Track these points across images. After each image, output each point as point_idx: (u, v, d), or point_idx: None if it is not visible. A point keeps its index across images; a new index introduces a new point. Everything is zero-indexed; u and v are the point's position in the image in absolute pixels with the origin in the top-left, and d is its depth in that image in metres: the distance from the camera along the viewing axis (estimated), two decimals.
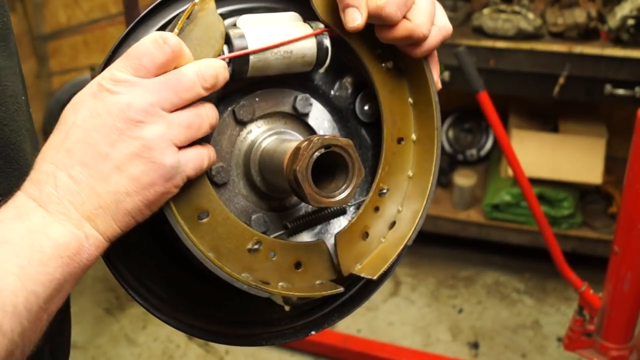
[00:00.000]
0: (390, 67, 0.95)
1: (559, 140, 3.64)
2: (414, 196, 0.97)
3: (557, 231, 3.14)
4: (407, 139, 0.98)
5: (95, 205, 0.70)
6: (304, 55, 0.88)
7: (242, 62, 0.84)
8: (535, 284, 3.74)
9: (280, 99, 0.94)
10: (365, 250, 0.95)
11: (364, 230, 0.95)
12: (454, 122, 4.16)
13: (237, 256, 0.85)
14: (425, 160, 0.97)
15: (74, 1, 4.11)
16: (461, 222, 3.74)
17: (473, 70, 2.44)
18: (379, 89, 0.94)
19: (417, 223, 0.95)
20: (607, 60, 3.08)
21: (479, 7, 3.46)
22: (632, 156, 2.14)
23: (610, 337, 2.41)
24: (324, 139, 0.81)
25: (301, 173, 0.80)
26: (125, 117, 0.70)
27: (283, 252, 0.89)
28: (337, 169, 0.85)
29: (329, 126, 0.98)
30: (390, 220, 0.97)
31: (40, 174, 0.70)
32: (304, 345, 3.23)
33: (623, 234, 2.26)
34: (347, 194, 0.84)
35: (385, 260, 0.93)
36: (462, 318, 3.52)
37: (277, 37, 0.86)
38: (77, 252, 0.69)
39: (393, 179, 0.97)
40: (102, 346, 3.32)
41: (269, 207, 0.96)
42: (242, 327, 0.97)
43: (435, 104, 0.97)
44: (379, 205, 0.96)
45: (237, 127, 0.92)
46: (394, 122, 0.96)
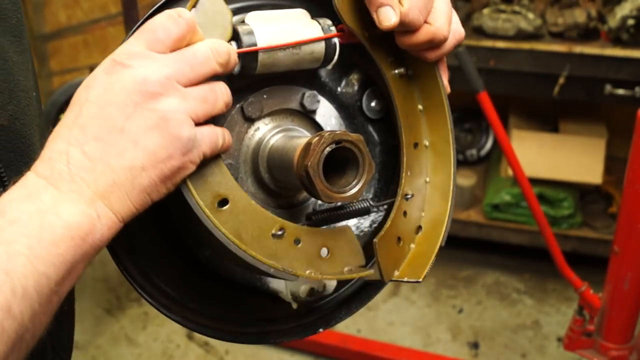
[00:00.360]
0: (403, 73, 0.96)
1: (559, 140, 3.64)
2: (433, 200, 0.98)
3: (557, 231, 3.14)
4: (420, 144, 0.98)
5: (109, 182, 0.68)
6: (312, 52, 0.88)
7: (250, 59, 0.84)
8: (535, 284, 3.74)
9: (287, 96, 0.94)
10: (401, 255, 0.94)
11: (397, 235, 0.94)
12: (454, 122, 4.14)
13: (261, 243, 0.83)
14: (442, 164, 0.98)
15: (74, 1, 4.11)
16: (461, 222, 3.74)
17: (473, 70, 2.44)
18: (395, 95, 0.95)
19: (446, 224, 0.96)
20: (607, 60, 3.08)
21: (479, 7, 3.46)
22: (632, 156, 2.14)
23: (610, 337, 2.41)
24: (335, 134, 0.81)
25: (312, 169, 0.80)
26: (141, 90, 0.69)
27: (308, 238, 0.87)
28: (348, 165, 0.85)
29: (336, 123, 0.98)
30: (416, 225, 0.97)
31: (52, 152, 0.68)
32: (304, 345, 3.23)
33: (623, 234, 2.26)
34: (357, 190, 0.84)
35: (424, 262, 0.93)
36: (462, 318, 3.52)
37: (286, 34, 0.86)
38: (90, 232, 0.67)
39: (415, 183, 0.97)
40: (102, 346, 3.32)
41: (277, 205, 0.95)
42: (250, 325, 0.97)
43: (447, 107, 0.97)
44: (407, 210, 0.96)
45: (246, 124, 0.91)
46: (410, 127, 0.96)
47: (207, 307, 0.94)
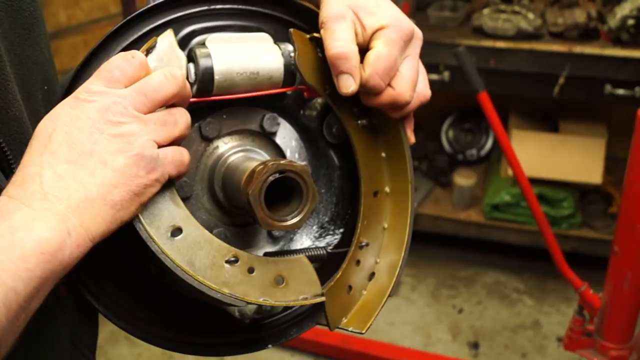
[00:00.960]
0: (365, 124, 0.97)
1: (559, 140, 3.64)
2: (389, 247, 1.00)
3: (557, 231, 3.14)
4: (381, 192, 1.00)
5: (82, 197, 0.71)
6: (270, 77, 0.89)
7: (206, 81, 0.85)
8: (535, 284, 3.74)
9: (247, 117, 0.95)
10: (350, 303, 0.96)
11: (347, 284, 0.96)
12: (454, 122, 4.16)
13: (214, 271, 0.84)
14: (400, 212, 1.00)
15: (74, 1, 4.11)
16: (461, 222, 3.74)
17: (473, 70, 2.44)
18: (356, 146, 0.97)
19: (397, 274, 0.97)
20: (607, 60, 3.08)
21: (479, 7, 3.46)
22: (632, 156, 2.14)
23: (610, 337, 2.41)
24: (279, 164, 0.82)
25: (254, 197, 0.81)
26: (104, 119, 0.74)
27: (263, 267, 0.88)
28: (294, 194, 0.86)
29: (297, 145, 0.99)
30: (369, 272, 0.99)
31: (24, 176, 0.71)
32: (304, 345, 3.23)
33: (623, 234, 2.26)
34: (299, 219, 0.85)
35: (370, 313, 0.96)
36: (462, 318, 3.52)
37: (244, 59, 0.87)
38: (59, 249, 0.68)
39: (371, 231, 0.99)
40: (102, 346, 3.32)
41: (231, 222, 0.96)
42: (203, 335, 0.97)
43: (408, 159, 0.99)
44: (360, 259, 0.98)
45: (203, 143, 0.92)
46: (370, 176, 0.98)
47: (158, 316, 0.94)
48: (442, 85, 3.35)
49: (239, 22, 0.92)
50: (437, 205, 3.85)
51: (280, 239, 1.00)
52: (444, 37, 3.31)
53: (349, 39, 0.86)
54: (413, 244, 0.97)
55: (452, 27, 3.48)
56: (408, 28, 0.90)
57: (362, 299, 0.98)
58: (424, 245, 3.94)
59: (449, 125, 4.17)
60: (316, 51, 0.91)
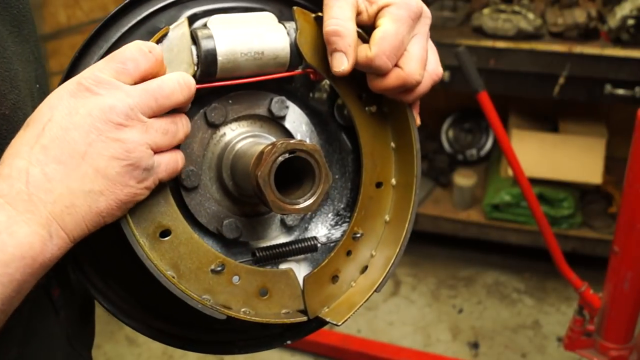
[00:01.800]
0: (374, 111, 0.94)
1: (559, 140, 3.64)
2: (388, 241, 0.96)
3: (557, 231, 3.13)
4: (386, 183, 0.96)
5: (67, 204, 0.69)
6: (276, 57, 0.86)
7: (209, 63, 0.82)
8: (535, 284, 3.74)
9: (255, 102, 0.91)
10: (334, 293, 0.93)
11: (334, 274, 0.93)
12: (454, 122, 4.16)
13: (198, 277, 0.83)
14: (403, 206, 0.96)
15: (74, 1, 4.11)
16: (461, 222, 3.74)
17: (473, 70, 2.44)
18: (361, 133, 0.93)
19: (388, 270, 0.93)
20: (607, 60, 3.08)
21: (479, 7, 3.46)
22: (632, 156, 2.14)
23: (610, 337, 2.41)
24: (289, 144, 0.78)
25: (263, 179, 0.78)
26: (106, 119, 0.70)
27: (248, 277, 0.86)
28: (305, 175, 0.82)
29: (307, 129, 0.95)
30: (362, 265, 0.95)
31: (11, 169, 0.68)
32: (304, 345, 3.23)
33: (623, 234, 2.26)
34: (312, 202, 0.81)
35: (351, 306, 0.91)
36: (462, 318, 3.52)
37: (248, 39, 0.84)
38: (41, 253, 0.67)
39: (369, 223, 0.96)
40: (102, 346, 3.32)
41: (242, 213, 0.93)
42: (214, 333, 0.95)
43: (416, 152, 0.94)
44: (352, 249, 0.95)
45: (209, 129, 0.89)
46: (374, 166, 0.95)
47: (171, 313, 0.92)
48: (442, 85, 3.35)
49: (242, 3, 0.89)
50: (437, 205, 3.84)
51: (295, 228, 0.97)
52: (444, 37, 3.31)
53: (346, 17, 0.83)
54: (413, 244, 0.95)
55: (452, 27, 3.48)
56: (416, 5, 0.86)
57: (350, 291, 0.94)
58: (424, 245, 3.94)
59: (449, 125, 4.16)
60: (321, 31, 0.87)
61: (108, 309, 0.89)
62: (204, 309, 0.81)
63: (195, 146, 0.88)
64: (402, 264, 3.87)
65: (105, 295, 0.89)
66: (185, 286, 0.81)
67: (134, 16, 0.85)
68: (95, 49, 0.84)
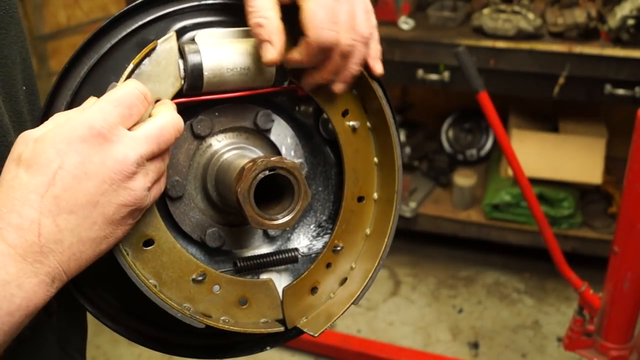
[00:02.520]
0: (357, 127, 0.95)
1: (559, 140, 3.64)
2: (368, 254, 0.98)
3: (557, 231, 3.14)
4: (368, 198, 0.98)
5: (75, 251, 0.70)
6: (262, 72, 0.87)
7: (195, 78, 0.84)
8: (535, 284, 3.74)
9: (241, 114, 0.93)
10: (313, 304, 0.95)
11: (313, 285, 0.95)
12: (454, 122, 4.16)
13: (179, 286, 0.85)
14: (384, 220, 0.98)
15: (74, 1, 4.11)
16: (461, 222, 3.74)
17: (473, 70, 2.44)
18: (344, 147, 0.95)
19: (366, 284, 0.95)
20: (607, 60, 3.08)
21: (479, 7, 3.46)
22: (632, 156, 2.14)
23: (610, 337, 2.41)
24: (269, 161, 0.81)
25: (242, 195, 0.80)
26: (120, 169, 0.71)
27: (228, 286, 0.88)
28: (285, 191, 0.84)
29: (292, 142, 0.97)
30: (342, 277, 0.97)
31: (22, 220, 0.68)
32: (304, 345, 3.23)
33: (623, 234, 2.25)
34: (290, 218, 0.84)
35: (329, 317, 0.93)
36: (462, 318, 3.52)
37: (234, 55, 0.85)
38: (42, 299, 0.69)
39: (349, 236, 0.97)
40: (102, 346, 3.32)
41: (225, 222, 0.95)
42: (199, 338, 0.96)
43: (397, 168, 0.96)
44: (332, 262, 0.97)
45: (195, 141, 0.91)
46: (356, 180, 0.97)
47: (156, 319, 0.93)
48: (442, 85, 3.35)
49: (231, 17, 0.90)
50: (437, 205, 3.84)
51: (277, 238, 0.99)
52: (444, 37, 3.31)
53: (266, 7, 0.82)
54: (413, 244, 0.96)
55: (452, 27, 3.48)
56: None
57: (328, 303, 0.96)
58: (424, 245, 3.94)
59: (449, 125, 4.16)
60: None
61: (92, 313, 0.90)
62: (184, 318, 0.83)
63: (180, 157, 0.90)
64: (402, 264, 3.86)
65: (91, 300, 0.90)
66: (167, 294, 0.83)
67: (124, 28, 0.86)
68: (86, 60, 0.85)
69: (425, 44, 3.31)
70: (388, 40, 3.28)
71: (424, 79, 3.34)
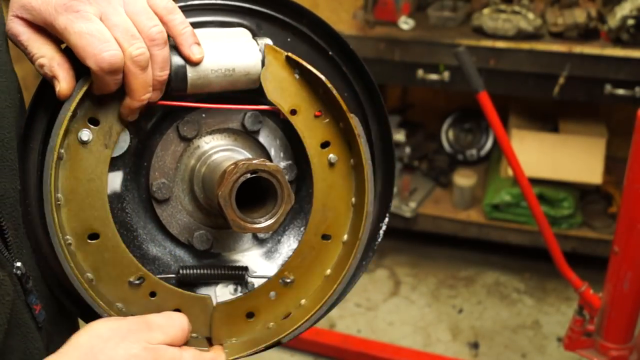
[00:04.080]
0: (334, 161, 0.92)
1: (559, 140, 3.64)
2: (320, 295, 0.93)
3: (557, 231, 3.13)
4: (335, 238, 0.94)
5: None
6: (247, 73, 0.86)
7: (179, 80, 0.82)
8: (535, 284, 3.74)
9: (228, 116, 0.92)
10: (246, 329, 0.92)
11: (249, 310, 0.92)
12: (454, 122, 4.16)
13: (116, 285, 0.84)
14: (341, 266, 0.93)
15: None
16: (461, 222, 3.74)
17: (473, 70, 2.44)
18: (315, 180, 0.91)
19: (302, 324, 0.92)
20: (607, 60, 3.08)
21: (479, 7, 3.46)
22: (632, 156, 2.14)
23: (610, 337, 2.41)
24: (250, 164, 0.79)
25: (224, 198, 0.79)
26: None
27: (165, 295, 0.87)
28: (269, 195, 0.83)
29: (281, 144, 0.95)
30: (287, 310, 0.93)
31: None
32: (304, 345, 3.23)
33: (623, 234, 2.25)
34: (273, 221, 0.82)
35: (253, 345, 0.91)
36: (462, 318, 3.52)
37: (219, 56, 0.84)
38: None
39: (304, 272, 0.93)
40: None
41: (215, 224, 0.94)
42: None
43: (366, 214, 0.91)
44: (278, 292, 0.93)
45: (182, 143, 0.90)
46: (324, 218, 0.92)
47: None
48: (442, 85, 3.35)
49: (219, 17, 0.90)
50: (437, 205, 3.84)
51: (267, 240, 0.97)
52: (444, 37, 3.31)
53: (40, 47, 0.81)
54: (413, 244, 0.95)
55: (452, 27, 3.48)
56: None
57: (263, 332, 0.92)
58: (424, 245, 3.94)
59: (449, 125, 4.16)
60: (292, 71, 0.88)
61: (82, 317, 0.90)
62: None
63: (167, 159, 0.89)
64: (402, 264, 3.87)
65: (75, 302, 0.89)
66: (103, 291, 0.83)
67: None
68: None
69: (425, 44, 3.31)
70: (388, 40, 3.28)
71: (424, 79, 3.34)
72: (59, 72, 0.80)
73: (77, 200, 0.81)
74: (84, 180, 0.82)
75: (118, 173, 0.89)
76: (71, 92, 0.80)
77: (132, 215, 0.90)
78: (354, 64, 0.96)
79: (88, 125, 0.82)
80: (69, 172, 0.81)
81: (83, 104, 0.81)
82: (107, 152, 0.83)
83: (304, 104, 0.89)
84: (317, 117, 0.90)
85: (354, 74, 0.96)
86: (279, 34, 0.91)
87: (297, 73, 0.88)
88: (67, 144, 0.81)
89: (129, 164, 0.90)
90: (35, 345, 0.92)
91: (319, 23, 0.94)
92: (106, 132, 0.83)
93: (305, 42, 0.93)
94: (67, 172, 0.81)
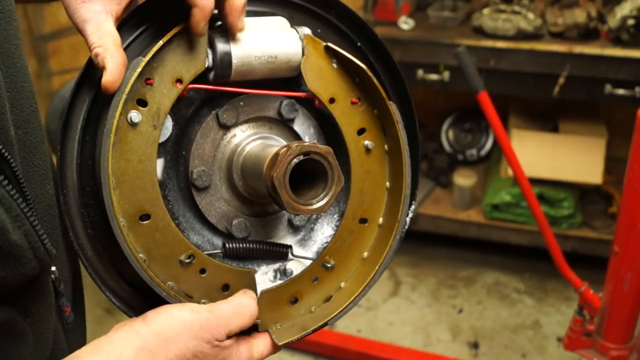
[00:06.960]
0: (370, 147, 0.95)
1: (559, 140, 3.64)
2: (360, 278, 0.97)
3: (557, 231, 3.14)
4: (372, 221, 0.98)
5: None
6: (288, 61, 0.89)
7: (225, 66, 0.85)
8: (535, 284, 3.74)
9: (265, 104, 0.94)
10: (290, 314, 0.95)
11: (293, 296, 0.95)
12: (454, 122, 4.16)
13: (167, 264, 0.86)
14: (380, 248, 0.97)
15: None
16: (461, 222, 3.74)
17: (473, 70, 2.44)
18: (352, 165, 0.95)
19: (345, 306, 0.94)
20: (607, 60, 3.08)
21: (479, 7, 3.46)
22: (632, 156, 2.14)
23: (610, 337, 2.41)
24: (303, 146, 0.81)
25: (278, 180, 0.80)
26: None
27: (214, 271, 0.89)
28: (318, 177, 0.85)
29: (315, 132, 0.98)
30: (327, 294, 0.97)
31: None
32: (304, 345, 3.23)
33: (623, 234, 2.25)
34: (325, 202, 0.84)
35: (300, 330, 0.93)
36: (462, 318, 3.52)
37: (261, 43, 0.87)
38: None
39: (343, 255, 0.97)
40: None
41: (251, 212, 0.95)
42: None
43: (404, 197, 0.95)
44: (319, 277, 0.96)
45: (221, 131, 0.92)
46: (361, 202, 0.96)
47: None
48: (442, 85, 3.35)
49: (253, 7, 0.92)
50: (437, 205, 3.84)
51: (301, 228, 0.99)
52: (444, 37, 3.31)
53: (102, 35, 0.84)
54: (413, 244, 0.96)
55: (452, 27, 3.48)
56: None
57: (307, 316, 0.95)
58: (424, 245, 3.94)
59: (449, 125, 4.16)
60: (330, 61, 0.91)
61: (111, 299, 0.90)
62: (168, 297, 0.84)
63: (207, 147, 0.91)
64: (402, 264, 3.86)
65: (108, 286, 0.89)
66: (154, 271, 0.84)
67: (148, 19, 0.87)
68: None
69: (425, 44, 3.31)
70: (388, 40, 3.28)
71: (424, 79, 3.34)
72: (109, 63, 0.82)
73: (128, 182, 0.83)
74: (135, 162, 0.83)
75: (159, 161, 0.90)
76: (116, 86, 0.82)
77: (173, 204, 0.92)
78: (381, 54, 0.98)
79: (137, 107, 0.83)
80: (120, 154, 0.83)
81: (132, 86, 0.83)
82: (156, 133, 0.84)
83: (342, 93, 0.92)
84: (354, 104, 0.93)
85: (380, 64, 0.98)
86: (310, 25, 0.94)
87: (334, 62, 0.91)
88: (117, 127, 0.82)
89: (169, 151, 0.91)
90: (61, 346, 0.93)
91: (347, 14, 0.97)
92: (154, 113, 0.84)
93: (335, 32, 0.96)
94: (118, 154, 0.82)
